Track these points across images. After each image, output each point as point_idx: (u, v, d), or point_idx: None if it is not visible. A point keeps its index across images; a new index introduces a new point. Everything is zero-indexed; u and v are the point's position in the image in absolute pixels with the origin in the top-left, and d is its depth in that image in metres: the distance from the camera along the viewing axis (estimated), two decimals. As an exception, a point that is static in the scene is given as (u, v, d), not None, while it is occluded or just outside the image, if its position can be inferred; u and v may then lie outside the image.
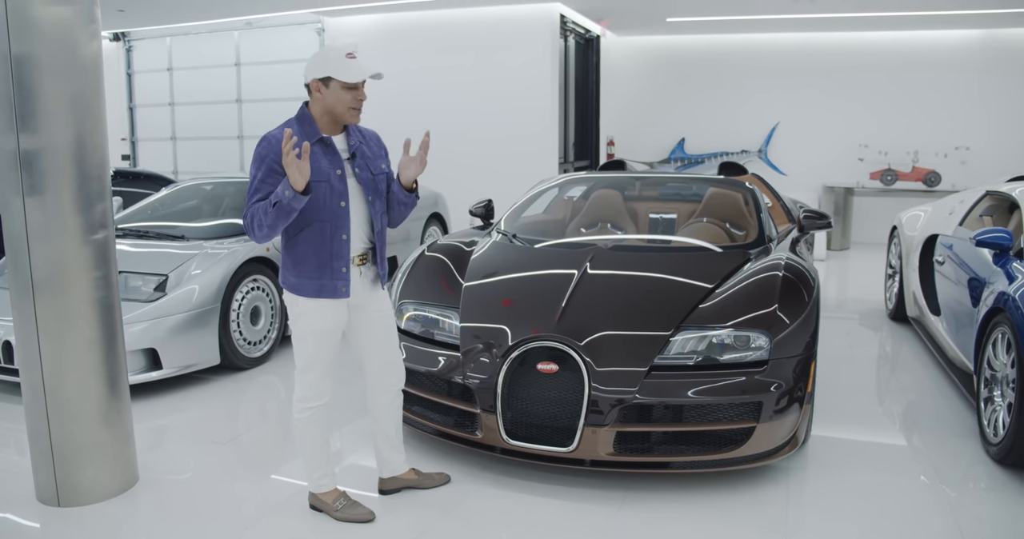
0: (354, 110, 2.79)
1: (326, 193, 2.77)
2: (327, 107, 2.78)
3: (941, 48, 9.96)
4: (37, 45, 2.87)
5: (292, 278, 2.84)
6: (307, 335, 2.86)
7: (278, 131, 2.76)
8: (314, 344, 2.86)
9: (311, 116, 2.80)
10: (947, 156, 10.03)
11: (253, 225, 2.70)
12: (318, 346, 2.87)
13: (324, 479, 3.05)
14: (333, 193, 2.79)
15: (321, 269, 2.80)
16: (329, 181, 2.78)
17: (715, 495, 3.20)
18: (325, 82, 2.75)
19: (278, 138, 2.72)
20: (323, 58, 2.75)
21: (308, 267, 2.80)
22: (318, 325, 2.85)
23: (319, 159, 2.77)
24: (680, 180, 5.60)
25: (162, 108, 11.15)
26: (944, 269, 4.91)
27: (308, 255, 2.80)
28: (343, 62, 2.73)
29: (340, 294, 2.83)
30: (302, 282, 2.81)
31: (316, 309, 2.83)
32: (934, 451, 3.70)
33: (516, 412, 3.21)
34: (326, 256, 2.80)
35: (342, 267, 2.83)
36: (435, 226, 7.84)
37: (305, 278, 2.81)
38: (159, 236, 5.30)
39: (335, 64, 2.73)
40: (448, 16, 9.25)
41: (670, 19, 9.62)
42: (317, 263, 2.80)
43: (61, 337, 3.06)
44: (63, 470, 3.14)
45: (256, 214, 2.68)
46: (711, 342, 3.25)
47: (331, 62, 2.74)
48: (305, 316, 2.85)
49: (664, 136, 11.28)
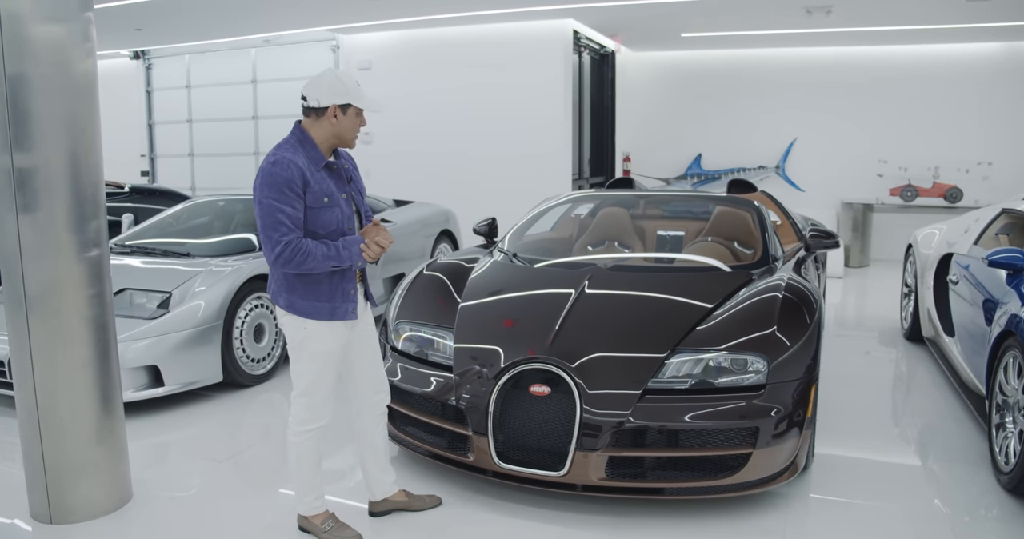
0: (356, 136, 2.83)
1: (340, 217, 2.78)
2: (338, 132, 2.78)
3: (962, 61, 9.81)
4: (31, 64, 2.90)
5: (301, 302, 2.80)
6: (316, 357, 2.84)
7: (291, 154, 2.71)
8: (322, 366, 2.85)
9: (312, 139, 2.77)
10: (969, 171, 9.85)
11: (295, 260, 2.66)
12: (325, 368, 2.86)
13: (315, 502, 3.02)
14: (344, 216, 2.81)
15: (334, 293, 2.81)
16: (340, 205, 2.79)
17: (710, 523, 3.12)
18: (344, 108, 2.75)
19: (295, 163, 2.68)
20: (342, 84, 2.74)
21: (322, 291, 2.79)
22: (327, 347, 2.84)
23: (330, 183, 2.78)
24: (686, 198, 5.54)
25: (180, 125, 11.28)
26: (958, 289, 4.80)
27: (322, 279, 2.79)
28: (359, 89, 2.76)
29: (350, 315, 2.85)
30: (315, 306, 2.79)
31: (327, 332, 2.82)
32: (943, 479, 3.59)
33: (508, 435, 3.16)
34: (337, 279, 2.81)
35: (351, 289, 2.84)
36: (446, 243, 7.83)
37: (319, 302, 2.79)
38: (165, 253, 5.33)
39: (355, 91, 2.75)
40: (461, 33, 9.28)
41: (685, 34, 9.58)
42: (331, 287, 2.80)
43: (54, 356, 3.07)
44: (55, 487, 3.14)
45: (309, 254, 2.66)
46: (707, 365, 3.18)
47: (350, 89, 2.75)
48: (315, 339, 2.82)
49: (681, 152, 11.20)
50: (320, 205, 2.73)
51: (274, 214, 2.65)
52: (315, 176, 2.73)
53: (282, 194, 2.66)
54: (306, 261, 2.67)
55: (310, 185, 2.70)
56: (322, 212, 2.74)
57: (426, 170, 9.59)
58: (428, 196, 8.31)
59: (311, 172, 2.72)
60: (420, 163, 9.63)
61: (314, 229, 2.74)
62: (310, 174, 2.71)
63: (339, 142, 2.81)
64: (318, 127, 2.77)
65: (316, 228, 2.75)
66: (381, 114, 9.72)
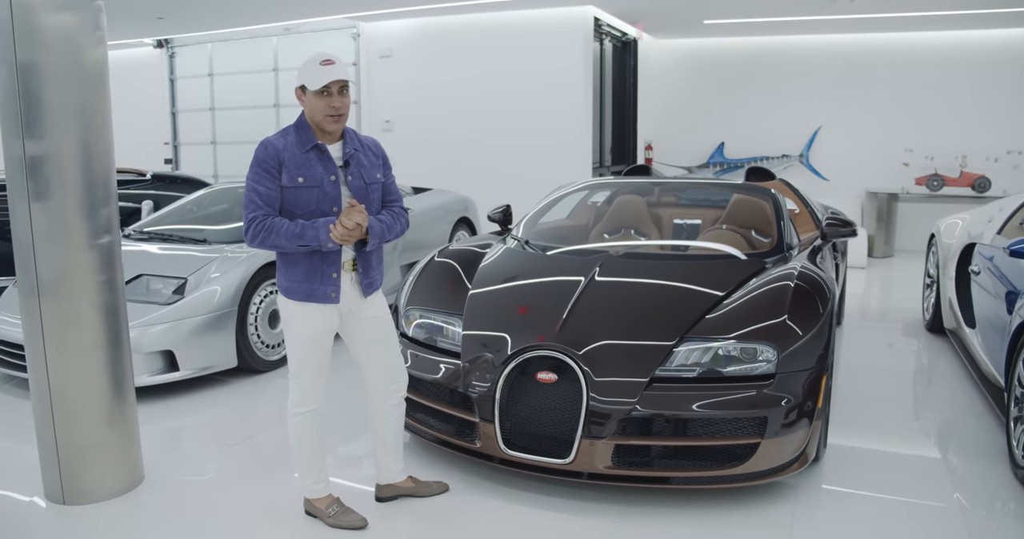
0: (330, 117, 2.78)
1: (319, 198, 2.79)
2: (308, 114, 2.81)
3: (989, 48, 9.58)
4: (42, 52, 2.92)
5: (284, 281, 2.85)
6: (298, 338, 2.87)
7: (277, 136, 2.82)
8: (305, 347, 2.87)
9: (308, 123, 2.84)
10: (998, 160, 9.63)
11: (260, 236, 2.72)
12: (308, 349, 2.87)
13: (317, 485, 3.05)
14: (326, 198, 2.80)
15: (311, 274, 2.81)
16: (322, 186, 2.79)
17: (717, 513, 3.09)
18: (303, 90, 2.79)
19: (274, 143, 2.78)
20: (303, 66, 2.78)
21: (299, 271, 2.81)
22: (307, 329, 2.85)
23: (313, 165, 2.79)
24: (703, 186, 5.48)
25: (203, 113, 11.36)
26: (980, 279, 4.70)
27: (299, 259, 2.81)
28: (315, 69, 2.75)
29: (330, 299, 2.84)
30: (292, 286, 2.83)
31: (306, 313, 2.84)
32: (959, 472, 3.53)
33: (515, 422, 3.16)
34: (317, 261, 2.80)
35: (332, 273, 2.83)
36: (464, 231, 7.83)
37: (295, 282, 2.82)
38: (182, 239, 5.38)
39: (307, 71, 2.76)
40: (481, 20, 9.23)
41: (707, 21, 9.45)
42: (308, 268, 2.80)
43: (65, 340, 3.11)
44: (68, 470, 3.19)
45: (274, 230, 2.70)
46: (716, 354, 3.14)
47: (306, 69, 2.77)
48: (295, 319, 2.86)
49: (703, 140, 11.08)
50: (295, 184, 2.76)
51: (248, 193, 2.76)
52: (297, 157, 2.76)
53: (257, 173, 2.75)
54: (269, 237, 2.71)
55: (285, 164, 2.75)
56: (298, 192, 2.76)
57: (446, 158, 9.58)
58: (448, 184, 8.30)
59: (293, 153, 2.76)
60: (440, 151, 9.62)
61: (291, 209, 2.78)
62: (290, 154, 2.76)
63: (315, 124, 2.82)
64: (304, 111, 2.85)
65: (293, 208, 2.77)
66: (401, 101, 9.73)
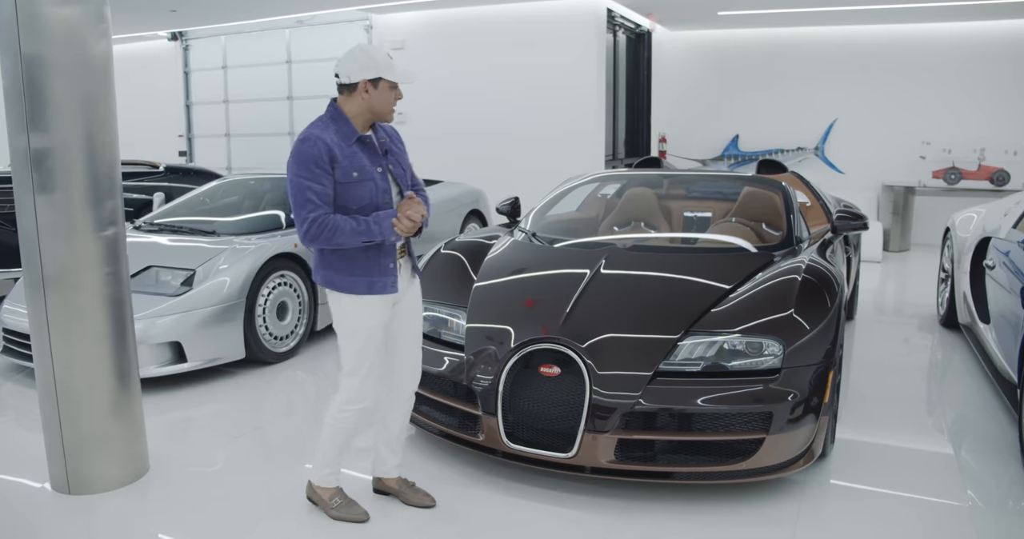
0: (393, 109, 2.82)
1: (372, 192, 2.78)
2: (371, 106, 2.77)
3: (1008, 39, 9.43)
4: (47, 45, 2.93)
5: (339, 277, 2.81)
6: (357, 332, 2.84)
7: (319, 131, 2.73)
8: (363, 341, 2.84)
9: (346, 115, 2.79)
10: (1017, 153, 9.48)
11: (323, 235, 2.68)
12: (367, 343, 2.85)
13: (329, 476, 3.05)
14: (379, 190, 2.79)
15: (371, 267, 2.80)
16: (374, 179, 2.79)
17: (720, 509, 3.06)
18: (375, 82, 2.74)
19: (323, 139, 2.70)
20: (371, 58, 2.73)
21: (359, 265, 2.79)
22: (368, 321, 2.83)
23: (362, 158, 2.78)
24: (713, 179, 5.43)
25: (217, 105, 11.41)
26: (995, 274, 4.62)
27: (356, 253, 2.79)
28: (389, 63, 2.75)
29: (390, 289, 2.83)
30: (353, 280, 2.80)
31: (366, 306, 2.82)
32: (969, 469, 3.48)
33: (518, 415, 3.14)
34: (374, 253, 2.80)
35: (390, 263, 2.83)
36: (475, 223, 7.82)
37: (356, 276, 2.79)
38: (192, 231, 5.40)
39: (384, 65, 2.74)
40: (493, 12, 9.20)
41: (721, 13, 9.37)
42: (366, 261, 2.80)
43: (70, 332, 3.13)
44: (73, 460, 3.21)
45: (338, 230, 2.67)
46: (721, 348, 3.11)
47: (380, 63, 2.74)
48: (353, 313, 2.83)
49: (718, 133, 11.00)
50: (350, 180, 2.73)
51: (303, 191, 2.69)
52: (345, 151, 2.74)
53: (309, 171, 2.68)
54: (334, 236, 2.68)
55: (339, 160, 2.71)
56: (353, 187, 2.74)
57: (458, 150, 9.57)
58: (461, 176, 8.29)
59: (341, 147, 2.73)
60: (453, 143, 9.61)
61: (345, 204, 2.75)
62: (339, 149, 2.72)
63: (374, 116, 2.80)
64: (351, 103, 2.77)
65: (348, 203, 2.75)
66: (414, 94, 9.70)
